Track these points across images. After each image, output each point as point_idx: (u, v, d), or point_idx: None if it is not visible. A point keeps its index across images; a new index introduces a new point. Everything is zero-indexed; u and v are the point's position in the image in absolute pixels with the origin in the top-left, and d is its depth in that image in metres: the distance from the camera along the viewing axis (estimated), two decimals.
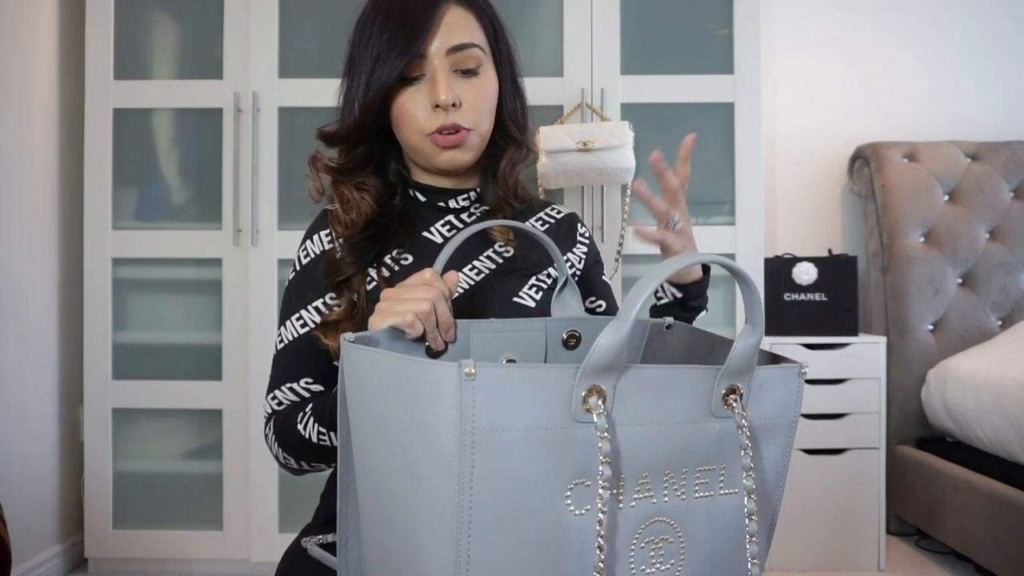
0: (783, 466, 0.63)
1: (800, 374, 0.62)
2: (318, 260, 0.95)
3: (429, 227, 0.98)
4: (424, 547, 0.54)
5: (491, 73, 0.94)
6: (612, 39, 2.11)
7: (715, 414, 0.58)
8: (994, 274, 2.46)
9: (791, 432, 0.63)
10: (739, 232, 2.11)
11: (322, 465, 0.91)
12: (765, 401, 0.60)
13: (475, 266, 0.96)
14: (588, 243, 1.05)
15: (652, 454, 0.56)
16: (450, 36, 0.89)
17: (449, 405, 0.51)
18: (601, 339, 0.52)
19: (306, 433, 0.86)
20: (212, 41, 2.14)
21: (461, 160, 0.94)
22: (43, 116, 2.10)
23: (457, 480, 0.51)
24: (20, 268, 2.01)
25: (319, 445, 0.86)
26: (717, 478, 0.59)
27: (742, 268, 0.56)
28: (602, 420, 0.53)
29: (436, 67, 0.89)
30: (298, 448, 0.88)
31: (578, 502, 0.54)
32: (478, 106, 0.92)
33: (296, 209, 2.12)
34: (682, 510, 0.58)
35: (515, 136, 0.99)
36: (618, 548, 0.56)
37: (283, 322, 0.96)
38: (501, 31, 0.96)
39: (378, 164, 0.98)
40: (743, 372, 0.58)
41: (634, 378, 0.55)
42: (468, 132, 0.92)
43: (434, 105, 0.89)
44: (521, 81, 1.01)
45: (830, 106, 2.71)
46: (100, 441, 2.12)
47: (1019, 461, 1.94)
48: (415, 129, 0.91)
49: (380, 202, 0.95)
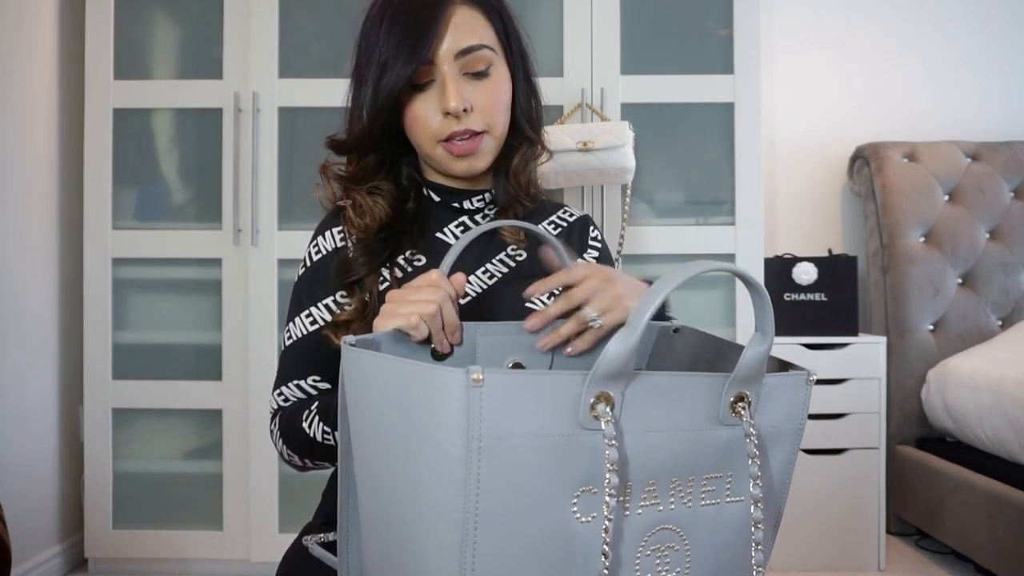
0: (788, 473, 0.63)
1: (808, 381, 0.61)
2: (329, 257, 0.94)
3: (443, 228, 0.97)
4: (427, 552, 0.53)
5: (503, 72, 0.92)
6: (612, 39, 2.10)
7: (723, 422, 0.57)
8: (994, 274, 2.46)
9: (797, 439, 0.62)
10: (739, 232, 2.11)
11: (326, 463, 0.90)
12: (773, 409, 0.60)
13: (488, 269, 0.95)
14: (600, 246, 1.04)
15: (659, 461, 0.56)
16: (458, 39, 0.87)
17: (456, 411, 0.50)
18: (610, 346, 0.52)
19: (311, 432, 0.85)
20: (212, 41, 2.14)
21: (478, 167, 0.93)
22: (43, 116, 2.10)
23: (463, 487, 0.51)
24: (20, 268, 2.01)
25: (323, 444, 0.85)
26: (724, 486, 0.59)
27: (754, 277, 0.55)
28: (610, 427, 0.52)
29: (445, 72, 0.88)
30: (303, 446, 0.87)
31: (584, 509, 0.54)
32: (491, 109, 0.90)
33: (296, 209, 2.12)
34: (688, 518, 0.58)
35: (529, 135, 0.97)
36: (624, 556, 0.56)
37: (292, 319, 0.94)
38: (512, 26, 0.94)
39: (390, 169, 0.96)
40: (752, 380, 0.57)
41: (642, 385, 0.54)
42: (482, 136, 0.90)
43: (444, 112, 0.88)
44: (535, 78, 0.98)
45: (830, 106, 2.71)
46: (100, 441, 2.11)
47: (1019, 461, 1.94)
48: (428, 136, 0.90)
49: (394, 206, 0.94)
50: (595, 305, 0.77)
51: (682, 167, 2.16)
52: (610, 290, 0.77)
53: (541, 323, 0.79)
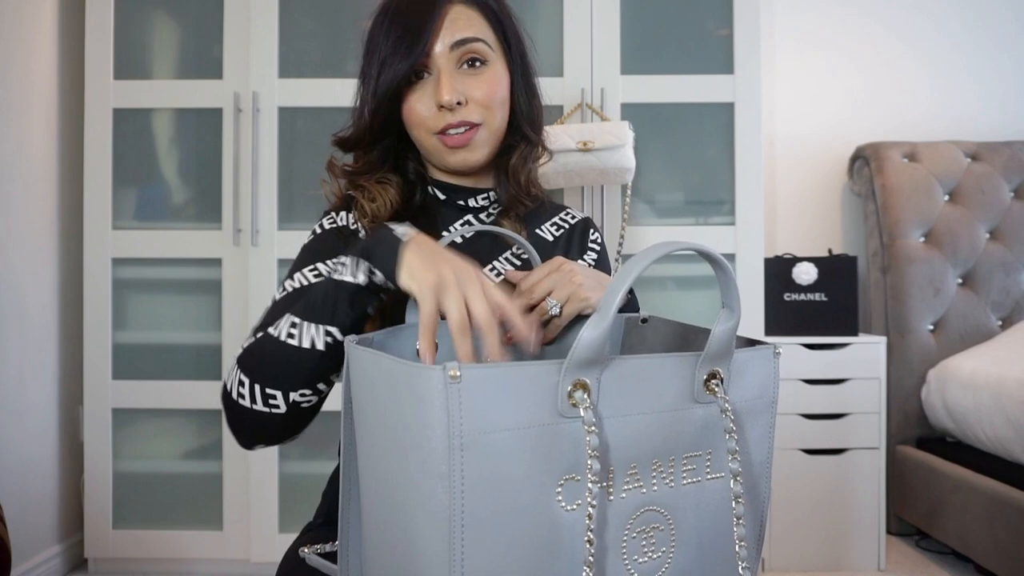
0: (768, 448, 0.64)
1: (775, 354, 0.63)
2: (342, 231, 0.92)
3: (448, 226, 0.98)
4: (419, 549, 0.54)
5: (499, 67, 0.93)
6: (612, 39, 2.10)
7: (698, 400, 0.59)
8: (994, 274, 2.46)
9: (772, 413, 0.64)
10: (739, 232, 2.11)
11: (276, 406, 0.74)
12: (744, 384, 0.62)
13: (495, 267, 0.96)
14: (599, 249, 1.05)
15: (640, 444, 0.57)
16: (453, 32, 0.89)
17: (436, 408, 0.51)
18: (584, 333, 0.53)
19: (276, 331, 0.74)
20: (212, 41, 2.14)
21: (472, 160, 0.93)
22: (43, 116, 2.10)
23: (447, 483, 0.51)
24: (20, 268, 2.01)
25: (284, 348, 0.73)
26: (704, 463, 0.60)
27: (716, 253, 0.56)
28: (589, 414, 0.53)
29: (441, 66, 0.89)
30: (267, 362, 0.74)
31: (569, 497, 0.54)
32: (486, 100, 0.91)
33: (296, 209, 2.12)
34: (672, 498, 0.59)
35: (528, 135, 0.98)
36: (610, 540, 0.56)
37: (292, 274, 0.88)
38: (512, 27, 0.95)
39: (395, 164, 0.97)
40: (723, 356, 0.59)
41: (617, 370, 0.55)
42: (477, 128, 0.91)
43: (439, 105, 0.89)
44: (535, 80, 0.99)
45: (830, 106, 2.71)
46: (100, 441, 2.12)
47: (1019, 461, 1.94)
48: (424, 129, 0.91)
49: (402, 197, 0.95)
50: (555, 296, 0.80)
51: (682, 167, 2.16)
52: (569, 280, 0.80)
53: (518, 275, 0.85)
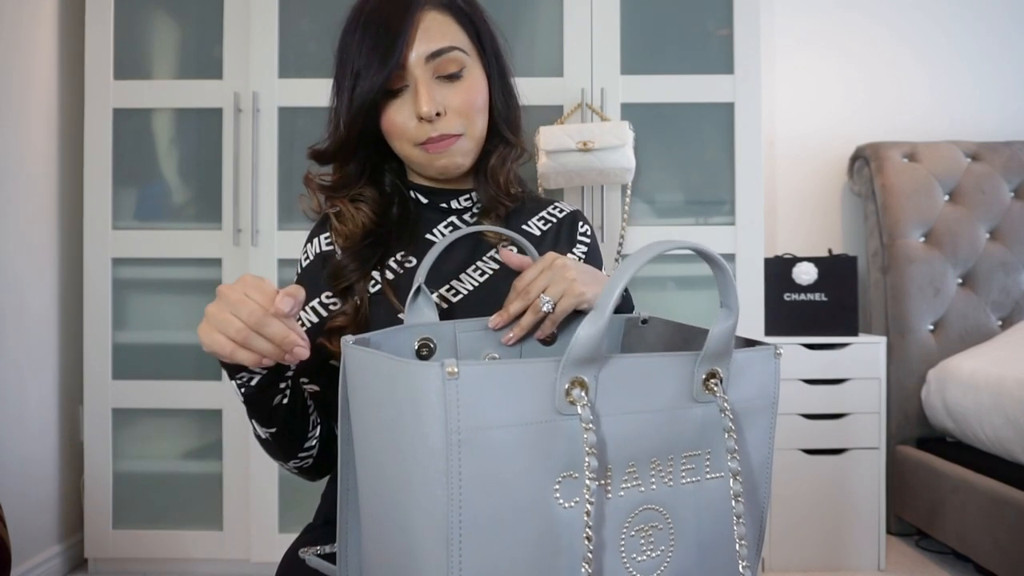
0: (767, 449, 0.64)
1: (776, 355, 0.63)
2: (316, 262, 0.95)
3: (432, 229, 0.98)
4: (417, 545, 0.54)
5: (477, 74, 0.92)
6: (612, 39, 2.10)
7: (697, 399, 0.58)
8: (994, 274, 2.46)
9: (772, 414, 0.64)
10: (739, 232, 2.11)
11: (300, 465, 0.93)
12: (744, 384, 0.61)
13: (479, 267, 0.96)
14: (589, 241, 1.04)
15: (638, 442, 0.57)
16: (428, 42, 0.88)
17: (434, 405, 0.51)
18: (581, 330, 0.53)
19: (252, 424, 0.84)
20: (212, 41, 2.14)
21: (455, 167, 0.93)
22: (43, 116, 2.10)
23: (445, 480, 0.51)
24: (20, 268, 2.01)
25: (264, 440, 0.86)
26: (703, 463, 0.60)
27: (712, 251, 0.56)
28: (586, 411, 0.53)
29: (417, 77, 0.88)
30: (263, 448, 0.89)
31: (567, 495, 0.54)
32: (465, 110, 0.90)
33: (296, 209, 2.12)
34: (670, 496, 0.58)
35: (506, 136, 0.98)
36: (608, 538, 0.56)
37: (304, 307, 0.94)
38: (486, 29, 0.94)
39: (372, 176, 0.97)
40: (722, 356, 0.58)
41: (615, 368, 0.55)
42: (458, 138, 0.91)
43: (419, 117, 0.88)
44: (512, 80, 0.99)
45: (830, 106, 2.71)
46: (100, 441, 2.12)
47: (1019, 461, 1.94)
48: (405, 140, 0.91)
49: (377, 212, 0.95)
50: (549, 293, 0.80)
51: (682, 167, 2.16)
52: (562, 276, 0.80)
53: (504, 321, 0.83)
